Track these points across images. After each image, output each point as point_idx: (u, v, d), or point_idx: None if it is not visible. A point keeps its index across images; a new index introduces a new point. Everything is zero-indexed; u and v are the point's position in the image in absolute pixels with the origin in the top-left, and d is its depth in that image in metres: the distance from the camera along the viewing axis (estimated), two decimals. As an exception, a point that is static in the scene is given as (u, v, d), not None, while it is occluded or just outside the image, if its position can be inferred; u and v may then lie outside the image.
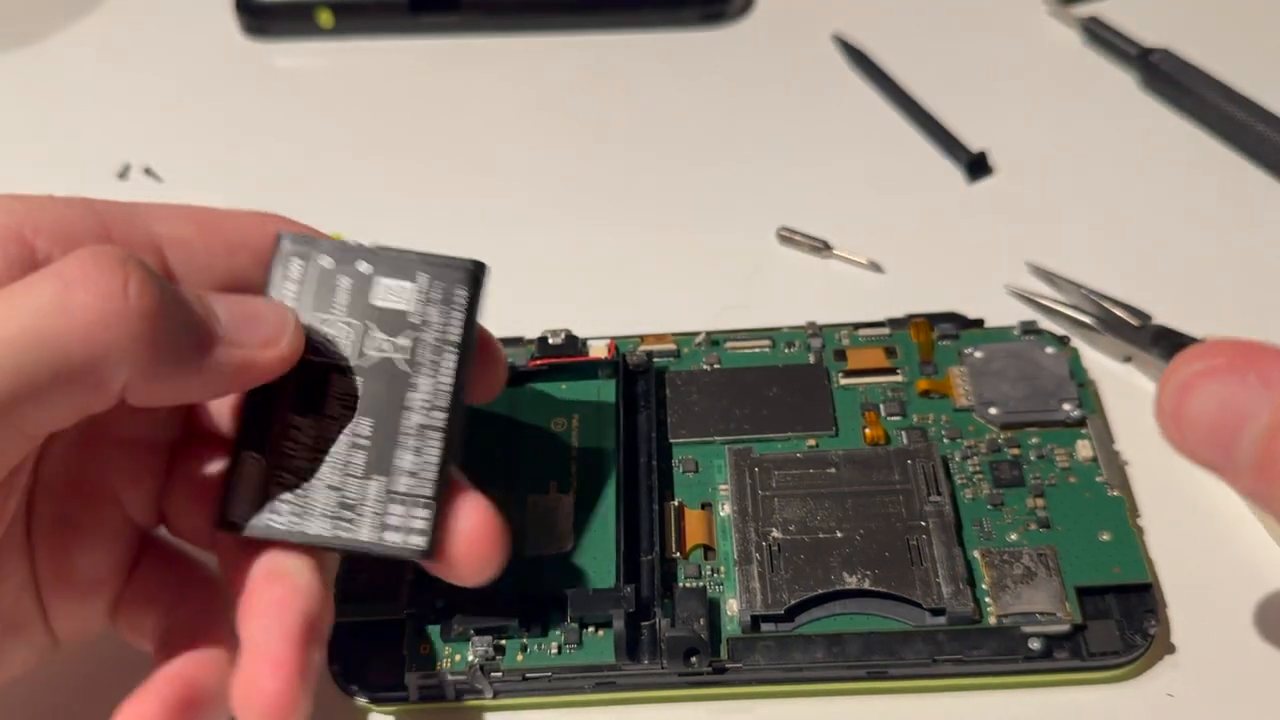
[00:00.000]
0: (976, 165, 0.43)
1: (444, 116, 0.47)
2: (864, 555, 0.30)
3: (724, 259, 0.41)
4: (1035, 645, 0.29)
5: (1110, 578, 0.30)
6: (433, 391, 0.27)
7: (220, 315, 0.25)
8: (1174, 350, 0.35)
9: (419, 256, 0.28)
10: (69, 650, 0.29)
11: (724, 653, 0.29)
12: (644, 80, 0.48)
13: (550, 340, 0.36)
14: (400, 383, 0.27)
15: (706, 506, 0.32)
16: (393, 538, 0.26)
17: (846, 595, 0.30)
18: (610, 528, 0.31)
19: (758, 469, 0.32)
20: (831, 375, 0.35)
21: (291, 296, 0.27)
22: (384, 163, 0.45)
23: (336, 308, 0.27)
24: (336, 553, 0.27)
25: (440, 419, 0.27)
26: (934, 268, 0.40)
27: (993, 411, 0.34)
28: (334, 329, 0.27)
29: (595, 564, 0.31)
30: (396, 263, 0.28)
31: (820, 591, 0.30)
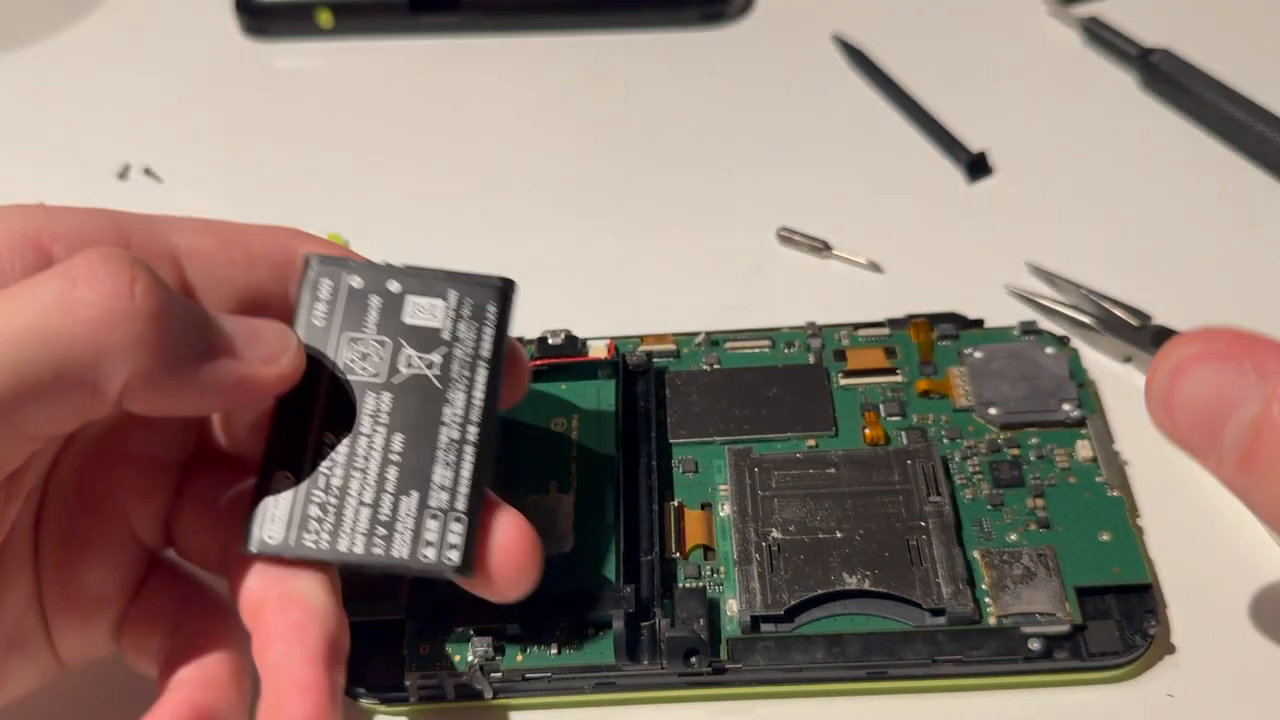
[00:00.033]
0: (976, 165, 0.43)
1: (444, 116, 0.47)
2: (864, 555, 0.30)
3: (724, 259, 0.41)
4: (1035, 645, 0.29)
5: (1110, 578, 0.30)
6: (466, 406, 0.27)
7: (223, 329, 0.25)
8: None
9: (449, 274, 0.28)
10: (74, 676, 0.28)
11: (724, 653, 0.29)
12: (644, 80, 0.48)
13: (550, 340, 0.36)
14: (433, 399, 0.27)
15: (706, 507, 0.32)
16: (428, 553, 0.26)
17: (846, 595, 0.30)
18: (610, 528, 0.31)
19: (757, 469, 0.32)
20: (831, 375, 0.35)
21: (322, 316, 0.27)
22: (384, 163, 0.45)
23: (368, 326, 0.27)
24: (370, 571, 0.27)
25: (474, 434, 0.27)
26: (934, 268, 0.40)
27: (992, 412, 0.34)
28: (366, 347, 0.27)
29: (595, 564, 0.31)
30: (426, 281, 0.28)
31: (820, 592, 0.30)
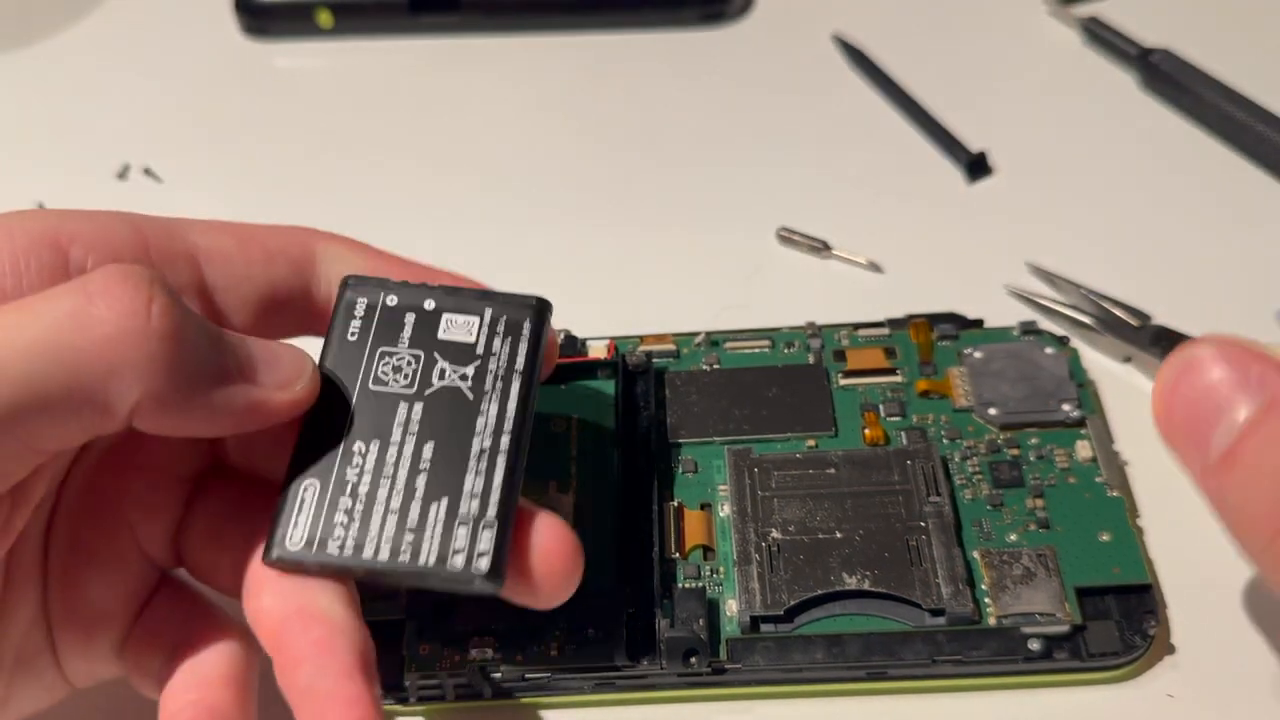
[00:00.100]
0: (976, 165, 0.42)
1: (444, 116, 0.47)
2: (863, 556, 0.30)
3: (724, 259, 0.41)
4: (1035, 646, 0.29)
5: (1110, 578, 0.30)
6: (499, 417, 0.27)
7: (238, 352, 0.25)
8: (1173, 350, 0.35)
9: (485, 293, 0.28)
10: (81, 700, 0.28)
11: (723, 653, 0.29)
12: (644, 80, 0.48)
13: (550, 341, 0.36)
14: (466, 409, 0.27)
15: (706, 507, 0.32)
16: (457, 561, 0.25)
17: (846, 596, 0.30)
18: (610, 528, 0.31)
19: (757, 469, 0.32)
20: (831, 375, 0.35)
21: (355, 331, 0.27)
22: (384, 163, 0.45)
23: (401, 341, 0.27)
24: (394, 583, 0.26)
25: (507, 443, 0.26)
26: (934, 268, 0.40)
27: (992, 412, 0.33)
28: (398, 360, 0.27)
29: (595, 564, 0.30)
30: (462, 299, 0.28)
31: (820, 592, 0.30)
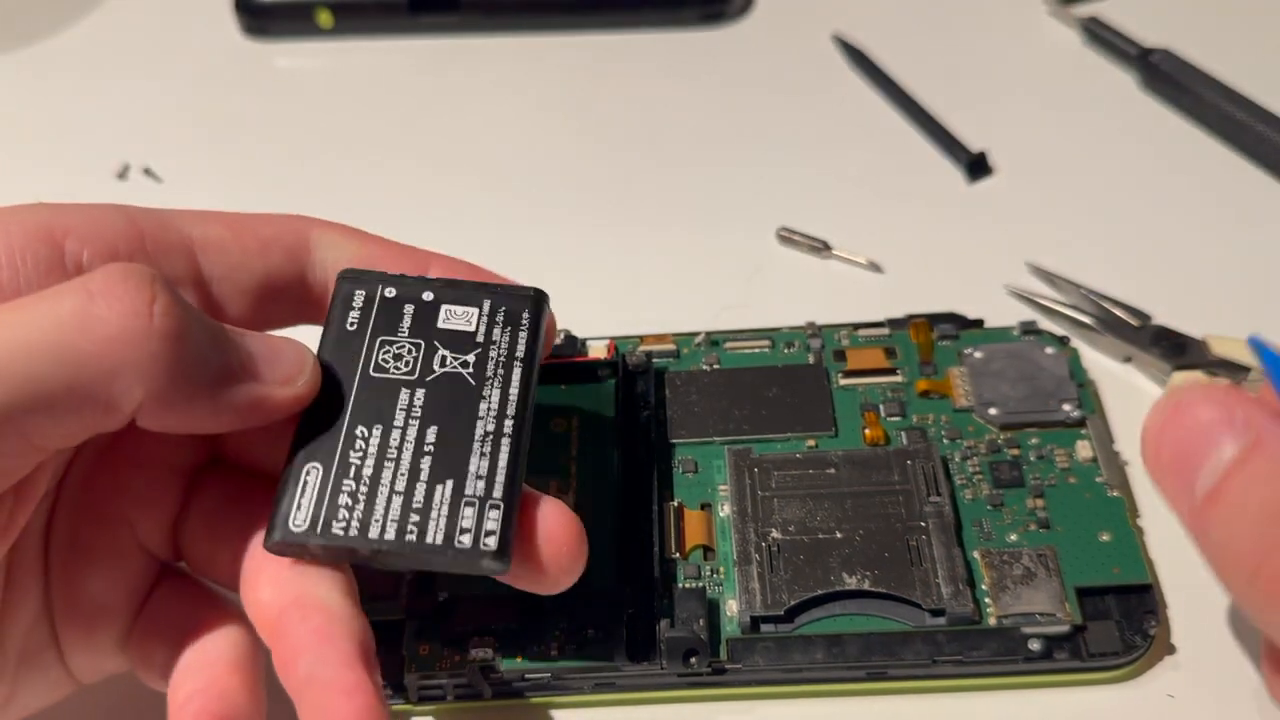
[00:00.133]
0: (976, 165, 0.42)
1: (444, 116, 0.47)
2: (864, 556, 0.30)
3: (724, 259, 0.40)
4: (1035, 646, 0.29)
5: (1110, 578, 0.30)
6: (501, 401, 0.27)
7: (240, 349, 0.25)
8: (1174, 350, 0.35)
9: (483, 285, 0.28)
10: (88, 695, 0.28)
11: (723, 653, 0.29)
12: (644, 80, 0.48)
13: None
14: (468, 394, 0.27)
15: (706, 507, 0.32)
16: (464, 540, 0.25)
17: (846, 596, 0.30)
18: (610, 528, 0.31)
19: (757, 469, 0.32)
20: (831, 375, 0.35)
21: (354, 321, 0.27)
22: (384, 163, 0.45)
23: (401, 330, 0.27)
24: (397, 567, 0.26)
25: (510, 426, 0.26)
26: (934, 268, 0.40)
27: (992, 412, 0.33)
28: (399, 348, 0.27)
29: (594, 564, 0.30)
30: (461, 291, 0.28)
31: (820, 592, 0.30)
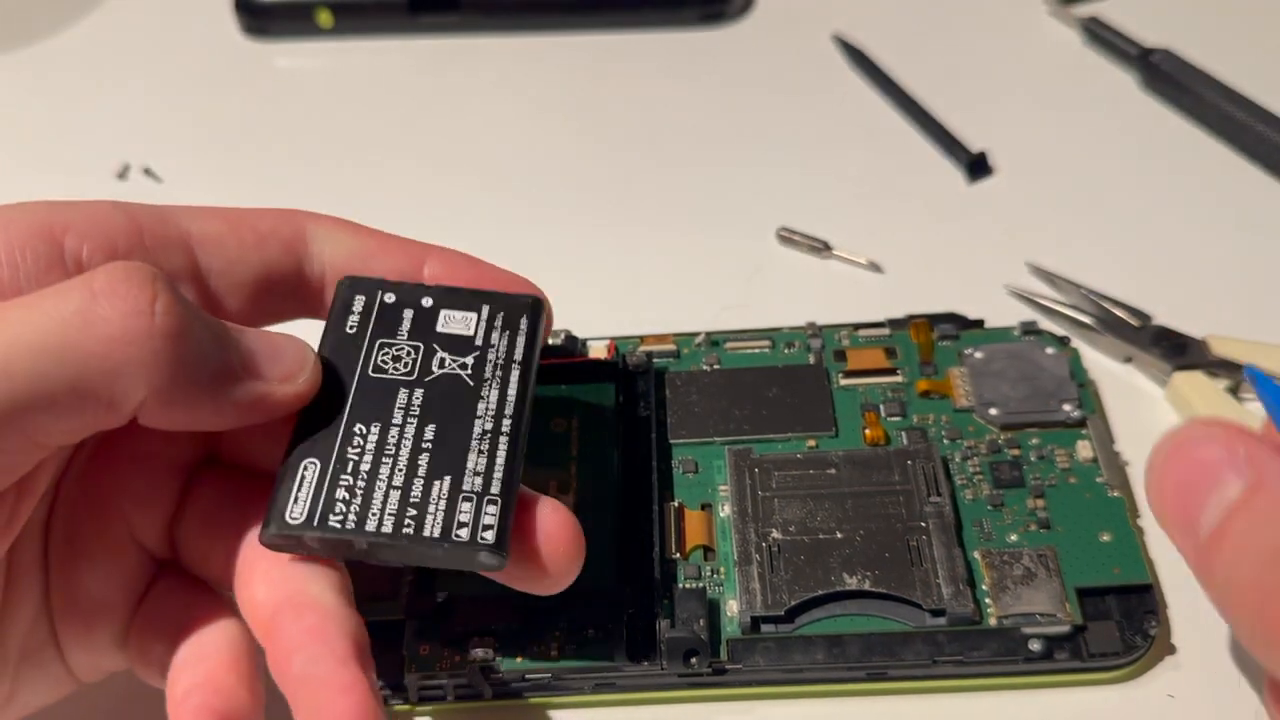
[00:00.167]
0: (976, 165, 0.42)
1: (444, 116, 0.47)
2: (864, 556, 0.30)
3: (724, 259, 0.40)
4: (1035, 646, 0.29)
5: (1110, 578, 0.30)
6: (499, 402, 0.27)
7: (241, 346, 0.25)
8: (1174, 351, 0.35)
9: (481, 292, 0.29)
10: (90, 693, 0.28)
11: (724, 654, 0.29)
12: (644, 80, 0.48)
13: (550, 341, 0.36)
14: (466, 394, 0.27)
15: (706, 507, 0.32)
16: (462, 534, 0.25)
17: (846, 596, 0.30)
18: (610, 528, 0.31)
19: (757, 470, 0.32)
20: (831, 376, 0.35)
21: (354, 325, 0.28)
22: (384, 163, 0.45)
23: (400, 333, 0.28)
24: (394, 561, 0.26)
25: (508, 426, 0.27)
26: (934, 268, 0.39)
27: (993, 412, 0.33)
28: (398, 350, 0.27)
29: (595, 564, 0.30)
30: (459, 297, 0.28)
31: (820, 592, 0.30)
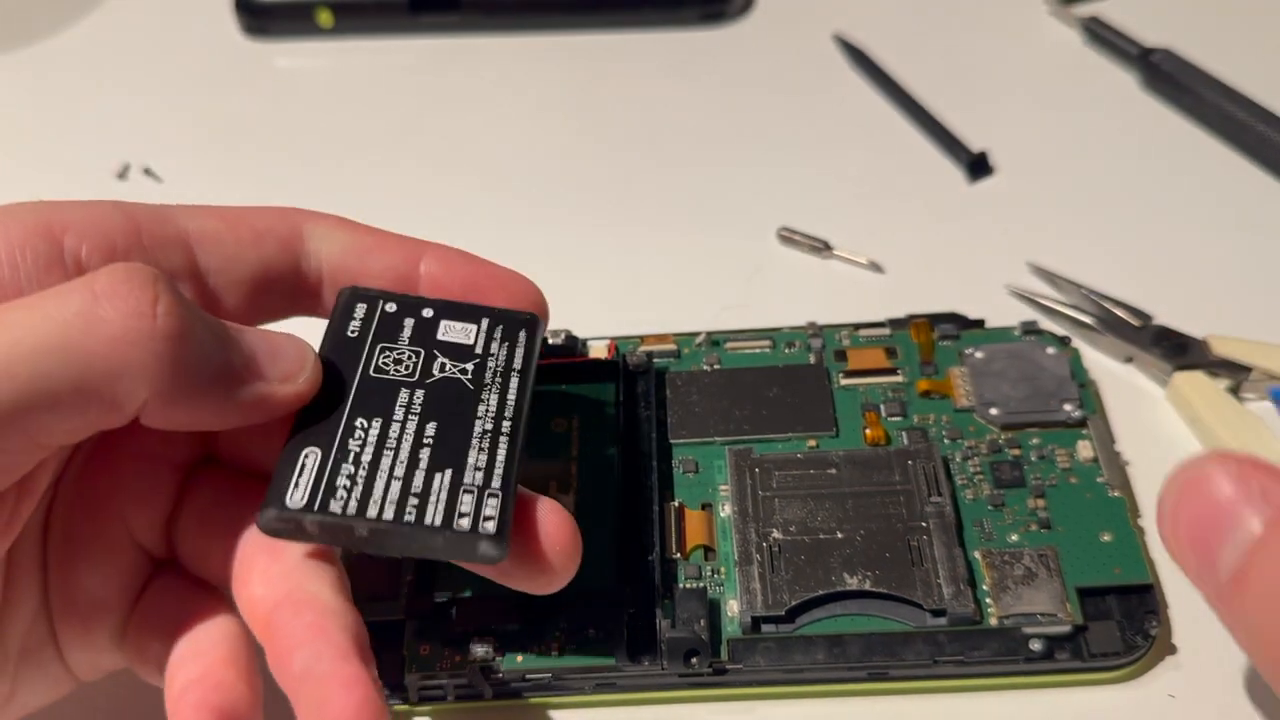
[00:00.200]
0: (976, 165, 0.42)
1: (444, 116, 0.47)
2: (864, 556, 0.30)
3: (724, 259, 0.40)
4: (1036, 646, 0.29)
5: (1111, 578, 0.30)
6: (499, 406, 0.27)
7: (242, 346, 0.25)
8: (1175, 351, 0.35)
9: (480, 306, 0.29)
10: (90, 692, 0.28)
11: (724, 654, 0.29)
12: (644, 80, 0.48)
13: (550, 340, 0.36)
14: (466, 396, 0.27)
15: (707, 507, 0.32)
16: (463, 523, 0.25)
17: (847, 596, 0.30)
18: (610, 528, 0.31)
19: (758, 469, 0.32)
20: (832, 375, 0.35)
21: (355, 329, 0.28)
22: (384, 163, 0.45)
23: (401, 339, 0.28)
24: (393, 552, 0.26)
25: (508, 427, 0.27)
26: (934, 268, 0.39)
27: (993, 412, 0.33)
28: (399, 354, 0.28)
29: (595, 564, 0.30)
30: (459, 309, 0.29)
31: (821, 592, 0.30)
